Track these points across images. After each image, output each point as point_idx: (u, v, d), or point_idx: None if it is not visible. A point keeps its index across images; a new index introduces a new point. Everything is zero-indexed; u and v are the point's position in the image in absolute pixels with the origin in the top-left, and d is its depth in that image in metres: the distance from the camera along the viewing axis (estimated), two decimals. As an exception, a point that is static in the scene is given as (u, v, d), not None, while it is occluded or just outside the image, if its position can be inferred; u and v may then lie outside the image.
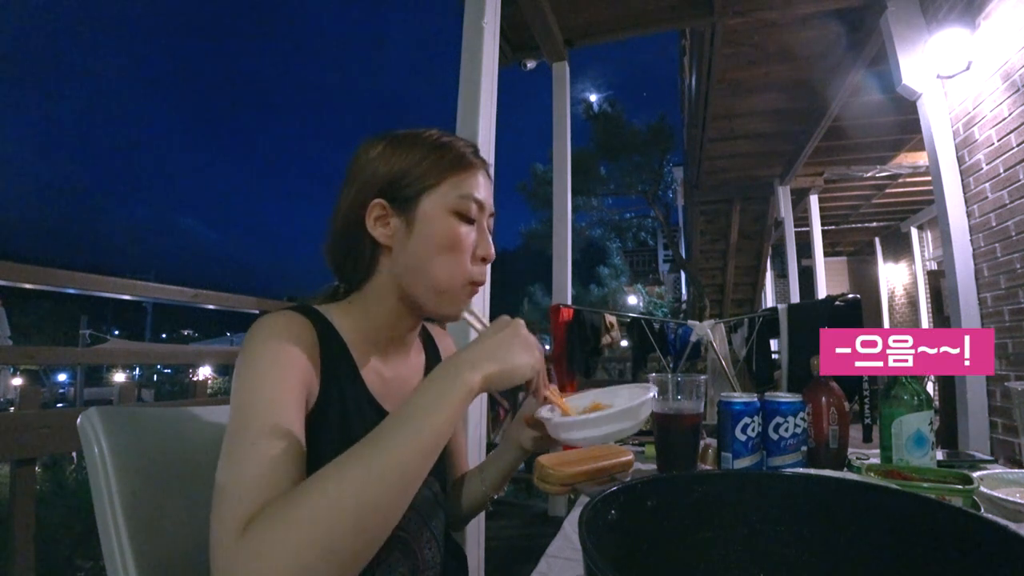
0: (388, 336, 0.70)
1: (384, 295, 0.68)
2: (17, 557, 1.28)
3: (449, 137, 0.70)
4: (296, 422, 0.54)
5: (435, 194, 0.66)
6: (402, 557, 0.65)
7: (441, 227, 0.65)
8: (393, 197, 0.66)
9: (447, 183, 0.66)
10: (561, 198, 3.43)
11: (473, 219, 0.67)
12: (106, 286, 1.70)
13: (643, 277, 20.80)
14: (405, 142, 0.68)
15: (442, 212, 0.65)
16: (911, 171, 5.36)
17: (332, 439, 0.60)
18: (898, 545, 0.41)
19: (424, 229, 0.65)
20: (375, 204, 0.65)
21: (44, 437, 1.33)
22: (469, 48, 1.97)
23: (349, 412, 0.63)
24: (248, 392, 0.54)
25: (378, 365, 0.69)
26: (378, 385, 0.68)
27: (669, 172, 12.58)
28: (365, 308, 0.68)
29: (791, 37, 3.60)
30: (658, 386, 0.92)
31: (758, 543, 0.45)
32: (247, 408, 0.53)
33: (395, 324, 0.70)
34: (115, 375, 14.97)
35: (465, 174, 0.67)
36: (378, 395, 0.67)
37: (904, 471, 0.75)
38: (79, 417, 0.65)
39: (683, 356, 2.83)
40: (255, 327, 0.59)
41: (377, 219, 0.66)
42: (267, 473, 0.48)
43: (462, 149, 0.69)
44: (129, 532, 0.61)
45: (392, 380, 0.71)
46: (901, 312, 8.26)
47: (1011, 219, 2.15)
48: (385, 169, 0.66)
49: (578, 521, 0.37)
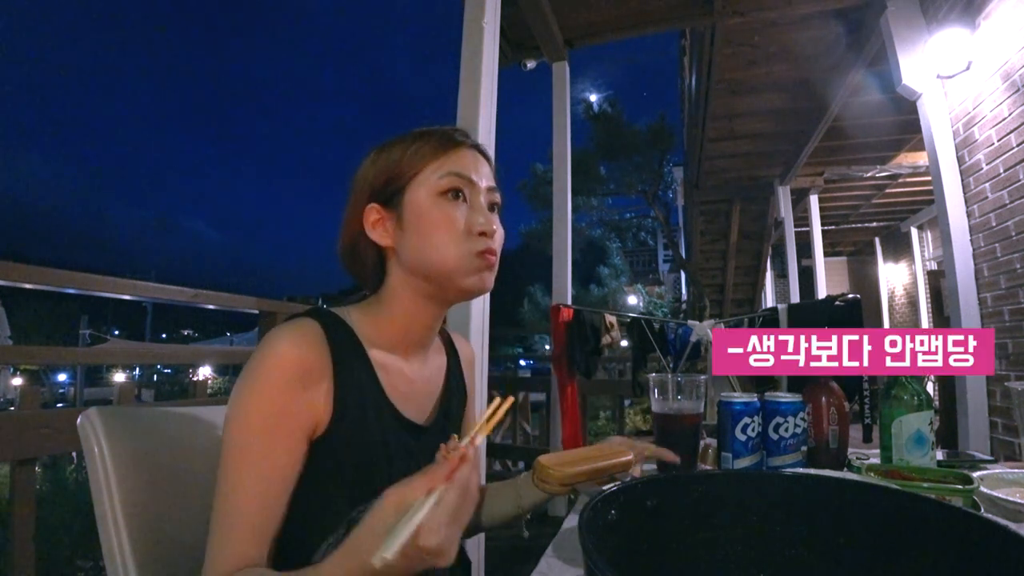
0: (408, 337, 0.70)
1: (398, 295, 0.68)
2: (17, 557, 1.28)
3: (433, 126, 0.70)
4: (286, 466, 0.58)
5: (418, 181, 0.65)
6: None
7: (429, 211, 0.65)
8: (384, 198, 0.66)
9: (429, 168, 0.66)
10: (561, 198, 3.43)
11: (464, 196, 0.66)
12: (106, 286, 1.70)
13: (643, 277, 20.79)
14: (391, 144, 0.69)
15: (429, 197, 0.65)
16: (911, 171, 5.35)
17: (351, 444, 0.61)
18: (898, 545, 0.41)
19: (414, 218, 0.65)
20: (370, 209, 0.66)
21: (44, 437, 1.33)
22: (469, 48, 1.97)
23: (368, 419, 0.63)
24: (242, 431, 0.56)
25: (399, 366, 0.69)
26: (399, 387, 0.67)
27: (669, 172, 12.57)
28: (383, 310, 0.68)
29: (791, 37, 3.60)
30: (658, 386, 0.92)
31: (758, 543, 0.45)
32: (238, 450, 0.56)
33: (412, 323, 0.69)
34: (115, 375, 14.97)
35: (447, 155, 0.67)
36: (398, 399, 0.67)
37: (904, 471, 0.75)
38: (79, 417, 0.65)
39: (683, 356, 2.82)
40: (262, 346, 0.59)
41: (374, 223, 0.67)
42: (252, 523, 0.55)
43: (444, 132, 0.69)
44: (129, 532, 0.61)
45: (415, 381, 0.71)
46: (901, 312, 8.26)
47: (1011, 219, 2.15)
48: (373, 173, 0.67)
49: (578, 521, 0.37)
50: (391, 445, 0.64)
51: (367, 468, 0.62)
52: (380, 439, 0.63)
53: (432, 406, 0.73)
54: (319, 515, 0.60)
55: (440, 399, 0.74)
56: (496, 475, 3.94)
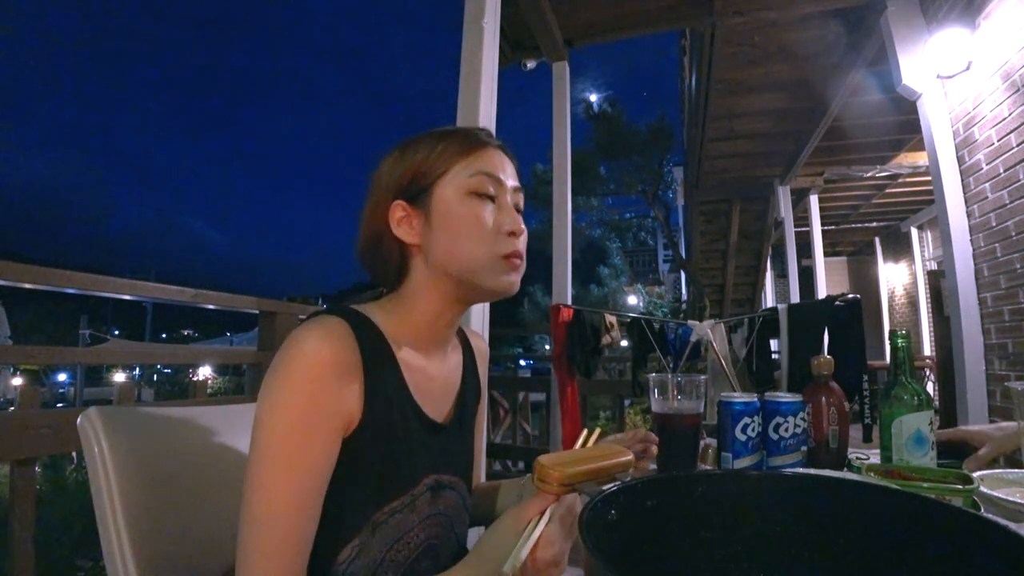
0: (429, 335, 0.69)
1: (422, 293, 0.67)
2: (17, 557, 1.28)
3: (458, 126, 0.71)
4: (324, 466, 0.56)
5: (446, 180, 0.66)
6: (432, 566, 0.65)
7: (458, 210, 0.65)
8: (410, 196, 0.66)
9: (457, 166, 0.66)
10: (561, 198, 3.43)
11: (492, 196, 0.66)
12: (106, 286, 1.70)
13: (643, 277, 20.80)
14: (415, 142, 0.69)
15: (457, 195, 0.65)
16: (911, 171, 5.35)
17: (377, 444, 0.60)
18: (898, 545, 0.41)
19: (442, 217, 0.65)
20: (395, 206, 0.66)
21: (44, 437, 1.33)
22: (469, 48, 1.97)
23: (394, 419, 0.62)
24: (276, 431, 0.54)
25: (421, 364, 0.68)
26: (422, 385, 0.67)
27: (669, 172, 12.57)
28: (406, 308, 0.68)
29: (791, 37, 3.60)
30: (658, 386, 0.92)
31: (758, 543, 0.45)
32: (274, 452, 0.54)
33: (435, 322, 0.69)
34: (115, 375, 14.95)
35: (475, 154, 0.67)
36: (421, 397, 0.66)
37: (904, 471, 0.75)
38: (79, 417, 0.65)
39: (683, 356, 2.82)
40: (288, 345, 0.57)
41: (400, 220, 0.66)
42: (293, 531, 0.54)
43: (470, 132, 0.69)
44: (129, 532, 0.61)
45: (435, 379, 0.70)
46: (901, 312, 8.26)
47: (1011, 219, 2.15)
48: (399, 171, 0.67)
49: (578, 521, 0.37)
50: (414, 444, 0.64)
51: (391, 468, 0.61)
52: (403, 438, 0.63)
53: (451, 404, 0.73)
54: (342, 516, 0.59)
55: (458, 397, 0.74)
56: (496, 475, 3.93)
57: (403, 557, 0.62)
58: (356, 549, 0.59)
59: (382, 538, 0.60)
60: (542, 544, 0.52)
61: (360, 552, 0.59)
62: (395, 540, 0.61)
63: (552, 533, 0.53)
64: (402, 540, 0.62)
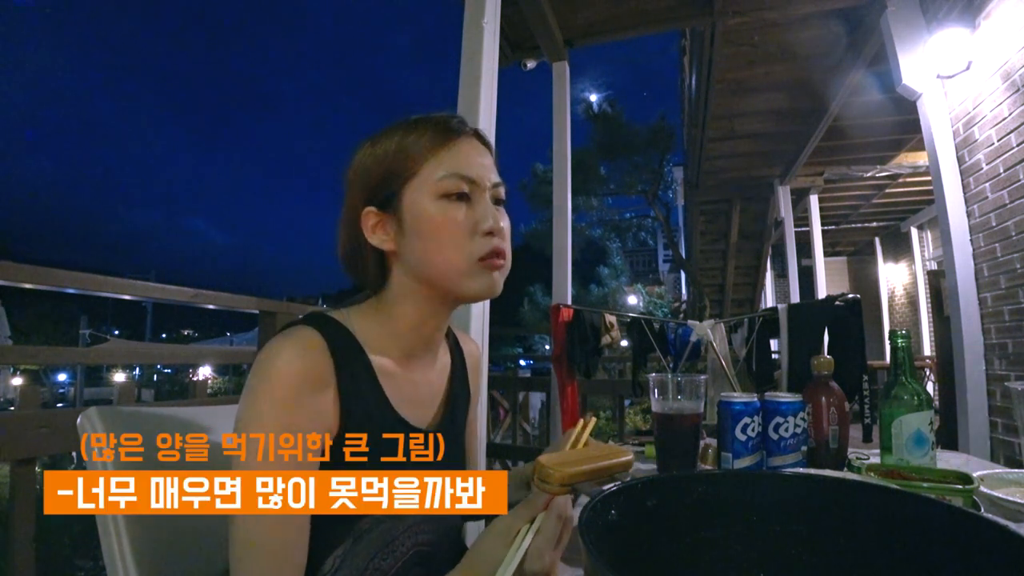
0: (414, 340, 0.68)
1: (403, 299, 0.66)
2: (17, 557, 1.28)
3: (424, 115, 0.66)
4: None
5: (415, 183, 0.63)
6: (423, 572, 0.64)
7: (430, 215, 0.62)
8: (381, 202, 0.64)
9: (428, 166, 0.63)
10: (561, 198, 3.42)
11: (466, 195, 0.63)
12: (106, 286, 1.70)
13: (643, 277, 20.79)
14: (382, 137, 0.66)
15: (427, 199, 0.62)
16: (911, 171, 5.35)
17: (357, 452, 0.60)
18: (898, 545, 0.41)
19: (415, 223, 0.62)
20: (367, 213, 0.64)
21: (44, 437, 1.33)
22: (469, 48, 1.97)
23: (373, 426, 0.61)
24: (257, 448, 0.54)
25: (403, 371, 0.67)
26: (403, 391, 0.66)
27: (669, 172, 12.58)
28: (387, 313, 0.66)
29: (791, 37, 3.60)
30: (658, 386, 0.92)
31: (758, 543, 0.45)
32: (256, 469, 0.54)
33: (419, 327, 0.67)
34: (115, 375, 14.96)
35: (444, 151, 0.63)
36: (402, 404, 0.65)
37: (904, 471, 0.75)
38: (79, 417, 0.65)
39: (683, 356, 2.82)
40: (265, 359, 0.56)
41: (374, 227, 0.64)
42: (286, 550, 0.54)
43: (439, 122, 0.65)
44: (129, 532, 0.61)
45: (419, 385, 0.69)
46: (901, 312, 8.26)
47: (1011, 219, 2.15)
48: (369, 171, 0.65)
49: (578, 521, 0.37)
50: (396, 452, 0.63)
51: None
52: (380, 442, 0.62)
53: (436, 410, 0.72)
54: (324, 526, 0.58)
55: (444, 403, 0.73)
56: (496, 475, 3.93)
57: (388, 565, 0.61)
58: (339, 559, 0.58)
59: (367, 546, 0.59)
60: (531, 557, 0.52)
61: (344, 561, 0.58)
62: (380, 548, 0.60)
63: (541, 544, 0.52)
64: (387, 548, 0.61)
